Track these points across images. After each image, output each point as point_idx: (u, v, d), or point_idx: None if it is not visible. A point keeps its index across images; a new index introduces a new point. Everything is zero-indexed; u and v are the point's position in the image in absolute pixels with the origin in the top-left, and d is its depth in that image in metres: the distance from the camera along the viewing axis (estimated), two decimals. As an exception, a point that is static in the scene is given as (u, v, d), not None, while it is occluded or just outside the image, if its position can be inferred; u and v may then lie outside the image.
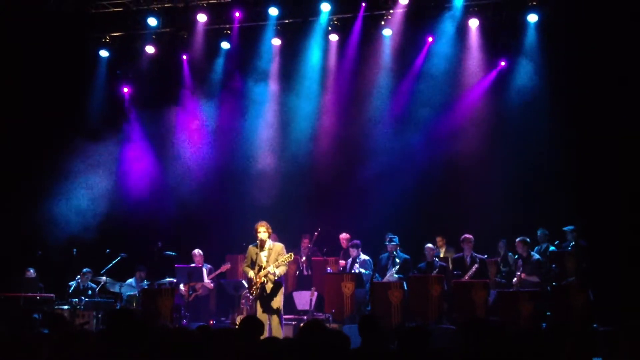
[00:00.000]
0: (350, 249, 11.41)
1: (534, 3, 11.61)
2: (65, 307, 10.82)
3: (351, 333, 7.23)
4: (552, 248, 11.04)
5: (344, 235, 12.03)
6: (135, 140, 13.65)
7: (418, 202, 12.05)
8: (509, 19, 12.00)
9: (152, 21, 12.94)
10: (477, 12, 12.07)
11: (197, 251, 11.86)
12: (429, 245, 11.14)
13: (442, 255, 11.69)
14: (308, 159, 13.06)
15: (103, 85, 13.66)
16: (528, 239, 10.55)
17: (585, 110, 11.36)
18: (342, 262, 11.64)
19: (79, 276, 11.48)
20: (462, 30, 12.29)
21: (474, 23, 12.17)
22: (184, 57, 13.54)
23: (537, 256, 10.60)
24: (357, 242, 11.42)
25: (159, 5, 13.00)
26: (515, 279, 10.31)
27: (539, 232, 11.18)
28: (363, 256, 11.33)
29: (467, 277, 10.44)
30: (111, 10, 13.16)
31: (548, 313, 9.85)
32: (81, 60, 13.26)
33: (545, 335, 5.18)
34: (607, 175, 11.01)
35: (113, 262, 11.39)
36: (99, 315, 10.64)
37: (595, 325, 9.33)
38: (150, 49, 13.29)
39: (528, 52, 12.07)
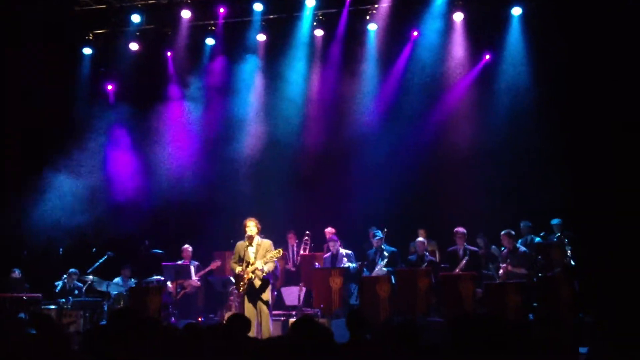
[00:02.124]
0: (330, 244, 11.39)
1: (518, -4, 11.69)
2: (52, 307, 10.75)
3: (340, 328, 7.27)
4: (537, 239, 11.11)
5: (329, 229, 12.03)
6: (120, 137, 13.58)
7: (403, 195, 12.09)
8: (493, 13, 12.06)
9: (135, 18, 12.86)
10: (462, 6, 12.12)
11: (186, 246, 11.82)
12: (420, 239, 11.16)
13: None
14: (294, 153, 13.05)
15: (87, 82, 13.58)
16: (513, 232, 10.60)
17: (571, 102, 11.43)
18: (325, 255, 11.60)
19: (65, 276, 11.42)
20: (447, 24, 12.32)
21: (458, 17, 12.21)
22: (169, 53, 13.50)
23: (523, 248, 10.64)
24: (335, 237, 11.44)
25: (143, 2, 12.92)
26: (501, 270, 10.36)
27: (521, 225, 11.25)
28: (345, 250, 11.33)
29: (458, 270, 10.48)
30: (94, 7, 13.06)
31: (535, 304, 9.92)
32: (65, 58, 13.15)
33: (532, 326, 5.21)
34: (593, 167, 11.09)
35: (99, 261, 11.33)
36: (86, 315, 10.59)
37: (581, 316, 9.41)
38: (134, 46, 13.21)
39: (512, 45, 12.15)
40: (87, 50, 13.38)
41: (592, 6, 10.96)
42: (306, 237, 12.39)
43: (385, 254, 10.92)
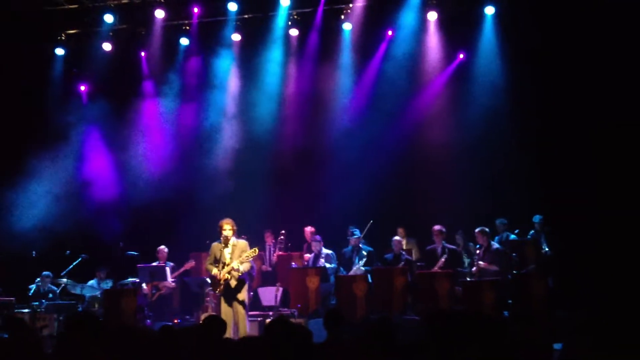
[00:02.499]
0: (313, 244, 11.43)
1: (491, -5, 11.78)
2: (26, 310, 10.60)
3: (317, 327, 7.26)
4: (512, 237, 11.20)
5: (308, 229, 12.03)
6: (94, 138, 13.44)
7: (381, 193, 12.15)
8: (467, 12, 12.15)
9: (108, 18, 12.72)
10: (436, 5, 12.17)
11: (162, 247, 11.73)
12: (397, 237, 11.21)
13: (404, 247, 11.76)
14: (270, 153, 13.03)
15: (60, 83, 13.42)
16: (487, 229, 10.68)
17: (545, 99, 11.57)
18: (306, 256, 11.65)
19: (39, 279, 11.28)
20: (421, 23, 12.39)
21: (432, 16, 12.27)
22: (142, 53, 13.39)
23: (496, 245, 10.71)
24: (318, 237, 11.47)
25: (116, 2, 12.79)
26: (474, 267, 10.43)
27: (497, 222, 11.33)
28: (325, 250, 11.37)
29: (436, 268, 10.53)
30: (66, 7, 12.89)
31: (510, 301, 10.00)
32: (37, 59, 12.99)
33: (508, 322, 5.26)
34: (568, 163, 11.22)
35: (74, 264, 11.22)
36: (61, 318, 10.46)
37: (555, 312, 9.51)
38: (107, 46, 13.07)
39: (486, 43, 12.25)
40: (59, 51, 13.21)
41: (564, 4, 11.09)
42: (281, 237, 12.36)
43: (364, 252, 10.96)
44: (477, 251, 10.54)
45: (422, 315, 9.55)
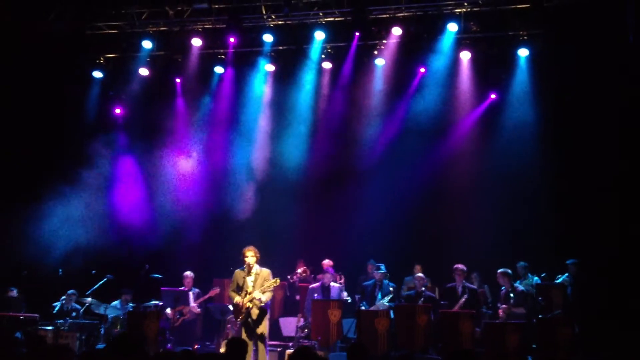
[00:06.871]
0: (326, 275, 11.34)
1: (525, 38, 11.76)
2: (49, 327, 10.70)
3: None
4: (536, 280, 11.07)
5: (327, 262, 12.00)
6: (125, 163, 13.65)
7: (400, 230, 12.17)
8: (500, 53, 12.14)
9: (146, 44, 12.97)
10: (469, 45, 12.18)
11: (188, 273, 11.80)
12: (420, 274, 11.15)
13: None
14: (297, 184, 13.11)
15: (96, 106, 13.68)
16: (509, 271, 10.59)
17: (573, 143, 11.52)
18: (312, 285, 11.52)
19: (64, 297, 11.40)
20: (454, 62, 12.41)
21: (465, 55, 12.30)
22: (178, 80, 13.62)
23: (521, 287, 10.61)
24: (331, 270, 11.49)
25: (155, 29, 13.06)
26: (500, 310, 10.28)
27: (518, 265, 11.22)
28: (334, 284, 11.29)
29: (457, 308, 10.44)
30: (106, 31, 13.23)
31: (534, 346, 9.85)
32: (75, 81, 13.29)
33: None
34: (593, 210, 11.12)
35: (99, 284, 11.32)
36: (83, 337, 10.54)
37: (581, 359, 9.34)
38: (144, 71, 13.33)
39: (518, 85, 12.24)
40: (97, 74, 13.48)
41: (597, 49, 11.06)
42: (300, 269, 12.35)
43: (391, 289, 10.91)
44: (505, 294, 10.40)
45: (444, 354, 9.44)
